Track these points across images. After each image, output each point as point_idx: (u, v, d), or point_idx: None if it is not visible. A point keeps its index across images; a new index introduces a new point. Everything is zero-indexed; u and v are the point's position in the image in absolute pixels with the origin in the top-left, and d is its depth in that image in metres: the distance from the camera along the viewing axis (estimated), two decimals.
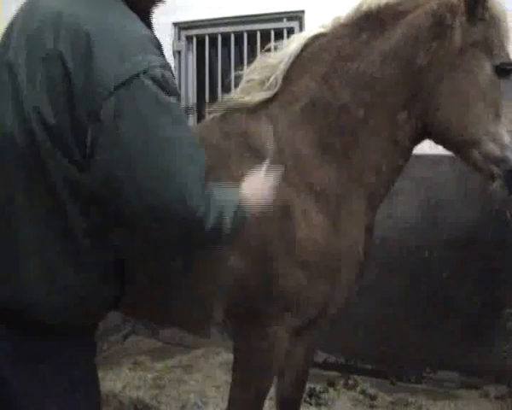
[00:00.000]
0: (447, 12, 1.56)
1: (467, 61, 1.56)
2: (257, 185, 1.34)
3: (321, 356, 3.37)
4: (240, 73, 1.81)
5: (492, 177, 1.62)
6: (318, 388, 3.10)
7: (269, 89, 1.69)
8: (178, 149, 1.05)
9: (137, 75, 1.02)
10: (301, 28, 3.60)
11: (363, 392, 3.15)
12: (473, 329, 3.13)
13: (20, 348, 1.15)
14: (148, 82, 1.03)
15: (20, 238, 1.10)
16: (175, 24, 3.91)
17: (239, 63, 3.82)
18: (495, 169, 1.59)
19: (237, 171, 1.56)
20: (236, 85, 1.82)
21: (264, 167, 1.41)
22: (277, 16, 3.67)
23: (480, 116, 1.57)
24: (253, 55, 3.77)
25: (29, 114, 1.06)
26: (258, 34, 3.69)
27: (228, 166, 1.61)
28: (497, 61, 1.57)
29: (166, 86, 1.06)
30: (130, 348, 3.78)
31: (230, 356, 3.49)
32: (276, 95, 1.68)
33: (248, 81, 1.74)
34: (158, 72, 1.04)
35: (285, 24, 3.66)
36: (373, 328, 3.23)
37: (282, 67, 1.67)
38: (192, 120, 3.95)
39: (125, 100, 1.01)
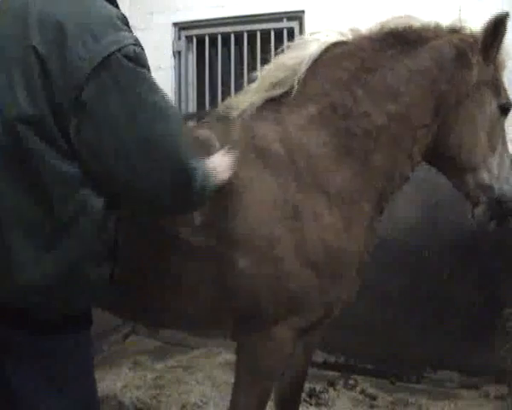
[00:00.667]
0: (468, 48, 1.70)
1: (480, 95, 1.73)
2: (218, 162, 1.45)
3: (321, 356, 3.37)
4: (254, 73, 1.83)
5: (477, 202, 1.78)
6: (318, 388, 3.09)
7: (281, 88, 1.70)
8: (161, 112, 1.12)
9: (113, 53, 1.06)
10: (301, 28, 3.61)
11: (363, 392, 3.14)
12: (473, 329, 3.13)
13: (22, 346, 1.15)
14: (123, 59, 1.07)
15: (10, 237, 1.10)
16: (175, 24, 3.92)
17: (239, 63, 3.83)
18: (481, 195, 1.76)
19: (243, 171, 1.56)
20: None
21: (223, 151, 1.52)
22: (277, 16, 3.67)
23: (483, 146, 1.73)
24: (252, 55, 3.79)
25: (10, 115, 1.06)
26: (258, 34, 3.69)
27: (235, 167, 1.60)
28: (502, 101, 1.76)
29: (139, 61, 1.11)
30: (130, 348, 3.78)
31: (230, 356, 3.50)
32: (287, 96, 1.70)
33: (262, 81, 1.75)
34: (131, 49, 1.09)
35: (285, 24, 3.67)
36: (373, 328, 3.22)
37: (304, 68, 1.69)
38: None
39: (106, 78, 1.05)
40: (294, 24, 3.63)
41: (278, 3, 3.62)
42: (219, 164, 1.43)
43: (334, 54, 1.72)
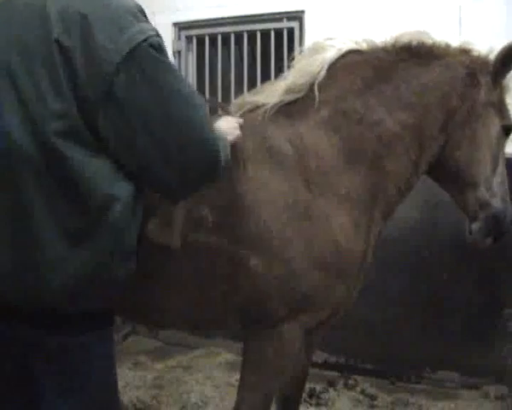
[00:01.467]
0: (477, 69, 1.78)
1: (486, 115, 1.79)
2: (226, 125, 1.50)
3: (321, 356, 3.37)
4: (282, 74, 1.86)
5: (475, 218, 1.82)
6: (318, 388, 3.09)
7: (297, 92, 1.72)
8: (187, 100, 1.14)
9: (139, 44, 1.07)
10: (301, 28, 3.61)
11: (363, 392, 3.14)
12: (473, 329, 3.13)
13: (45, 344, 1.14)
14: (149, 48, 1.08)
15: (38, 236, 1.09)
16: (175, 24, 3.91)
17: (239, 63, 3.82)
18: (479, 212, 1.80)
19: (255, 172, 1.58)
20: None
21: (226, 116, 1.57)
22: (277, 16, 3.67)
23: (486, 164, 1.79)
24: (253, 55, 3.79)
25: (36, 115, 1.05)
26: (259, 34, 3.69)
27: (245, 167, 1.61)
28: (505, 122, 1.83)
29: (163, 51, 1.13)
30: (130, 348, 3.77)
31: (230, 356, 3.51)
32: (301, 99, 1.72)
33: (280, 85, 1.77)
34: (155, 39, 1.11)
35: (285, 24, 3.67)
36: (373, 328, 3.22)
37: (322, 74, 1.72)
38: None
39: (134, 69, 1.06)
40: (294, 24, 3.63)
41: (278, 3, 3.62)
42: (227, 127, 1.48)
43: (349, 61, 1.75)
